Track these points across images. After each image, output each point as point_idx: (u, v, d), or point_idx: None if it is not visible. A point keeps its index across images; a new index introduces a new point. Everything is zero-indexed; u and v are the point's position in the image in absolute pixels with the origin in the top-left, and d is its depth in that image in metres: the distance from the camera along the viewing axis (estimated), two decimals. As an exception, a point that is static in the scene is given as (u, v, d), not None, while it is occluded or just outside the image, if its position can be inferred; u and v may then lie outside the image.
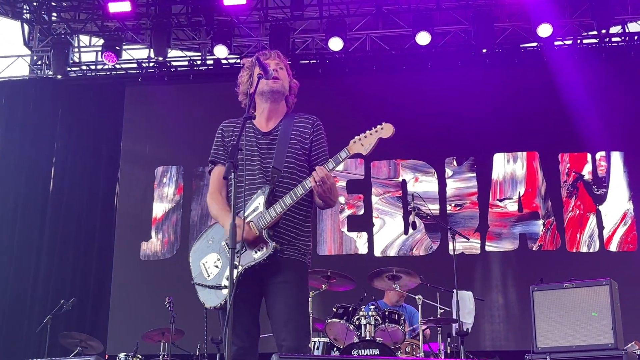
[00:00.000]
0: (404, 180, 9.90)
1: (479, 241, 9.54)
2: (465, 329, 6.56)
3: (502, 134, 9.81)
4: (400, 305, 7.42)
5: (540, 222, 9.55)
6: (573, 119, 9.39)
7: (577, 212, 9.52)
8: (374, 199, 9.94)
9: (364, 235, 9.84)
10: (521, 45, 10.16)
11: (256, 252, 3.44)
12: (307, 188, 3.46)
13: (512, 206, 9.65)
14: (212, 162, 3.77)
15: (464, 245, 9.30)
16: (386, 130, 3.51)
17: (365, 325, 6.33)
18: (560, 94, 9.44)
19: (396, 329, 6.42)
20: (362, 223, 9.88)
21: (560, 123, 9.50)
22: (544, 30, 9.37)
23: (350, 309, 6.53)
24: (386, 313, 6.52)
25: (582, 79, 9.48)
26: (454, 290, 6.64)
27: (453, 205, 9.78)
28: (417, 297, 6.64)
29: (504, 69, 10.00)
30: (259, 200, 3.51)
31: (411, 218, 6.83)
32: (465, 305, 6.77)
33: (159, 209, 10.39)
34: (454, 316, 6.62)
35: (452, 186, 9.85)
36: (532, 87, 9.77)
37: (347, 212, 9.93)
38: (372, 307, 6.48)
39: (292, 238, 3.55)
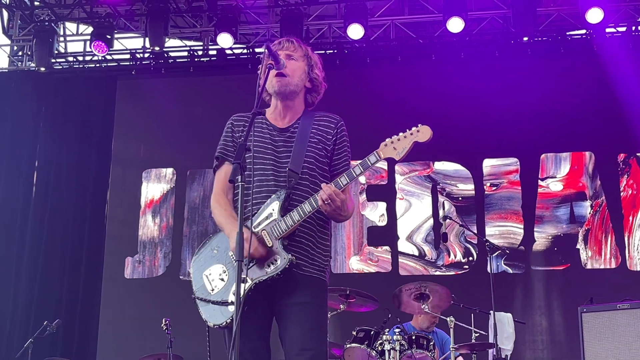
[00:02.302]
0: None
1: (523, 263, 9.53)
2: (503, 356, 6.55)
3: (548, 133, 9.77)
4: (431, 332, 7.41)
5: (588, 203, 9.57)
6: (629, 117, 9.36)
7: (630, 192, 9.52)
8: (398, 178, 9.98)
9: (387, 249, 9.83)
10: (568, 33, 10.13)
11: (269, 266, 3.43)
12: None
13: (555, 186, 9.68)
14: (218, 158, 3.76)
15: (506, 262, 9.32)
16: (423, 133, 3.54)
17: (389, 351, 6.32)
18: (613, 88, 9.40)
19: (425, 355, 6.43)
20: (385, 235, 9.88)
21: (615, 121, 9.48)
22: (594, 15, 9.34)
23: (372, 332, 6.53)
24: (413, 337, 6.52)
25: (637, 71, 9.45)
26: (491, 312, 6.63)
27: (488, 185, 9.83)
28: (448, 319, 6.63)
29: (548, 60, 9.98)
30: (273, 206, 3.51)
31: (442, 229, 6.86)
32: (503, 329, 6.76)
33: (155, 189, 10.47)
34: (491, 341, 6.61)
35: (487, 163, 9.91)
36: (581, 80, 9.74)
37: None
38: (397, 330, 6.48)
39: (310, 251, 3.54)
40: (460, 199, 9.77)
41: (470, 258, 9.53)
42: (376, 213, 9.94)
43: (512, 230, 9.60)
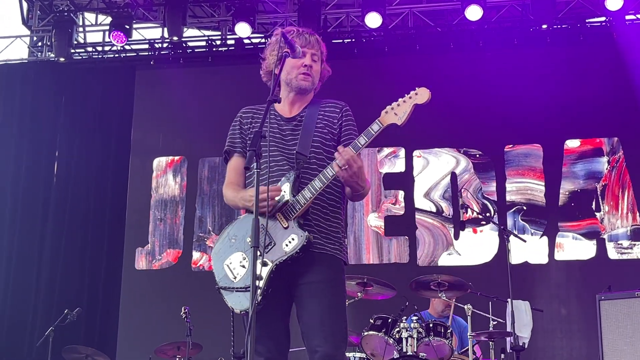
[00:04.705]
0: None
1: (547, 248, 9.51)
2: (521, 344, 6.57)
3: (569, 120, 9.72)
4: (446, 316, 7.45)
5: (605, 159, 9.59)
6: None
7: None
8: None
9: (405, 241, 9.85)
10: (587, 21, 10.09)
11: (287, 245, 3.47)
12: (334, 172, 3.49)
13: (572, 142, 9.71)
14: (227, 152, 3.82)
15: (526, 250, 9.30)
16: (421, 95, 3.59)
17: (406, 338, 6.34)
18: (634, 75, 9.36)
19: (442, 343, 6.44)
20: (404, 226, 9.90)
21: (637, 108, 9.42)
22: (614, 2, 9.32)
23: (389, 320, 6.54)
24: (431, 325, 6.55)
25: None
26: (509, 300, 6.66)
27: None
28: (466, 306, 6.66)
29: (567, 48, 9.94)
30: (284, 188, 3.55)
31: (461, 216, 6.89)
32: (521, 317, 6.78)
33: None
34: (509, 329, 6.64)
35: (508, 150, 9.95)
36: (601, 68, 9.69)
37: (386, 150, 10.02)
38: (415, 318, 6.51)
39: (324, 229, 3.58)
40: (477, 155, 9.79)
41: (488, 214, 9.51)
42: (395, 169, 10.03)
43: (530, 186, 9.62)
